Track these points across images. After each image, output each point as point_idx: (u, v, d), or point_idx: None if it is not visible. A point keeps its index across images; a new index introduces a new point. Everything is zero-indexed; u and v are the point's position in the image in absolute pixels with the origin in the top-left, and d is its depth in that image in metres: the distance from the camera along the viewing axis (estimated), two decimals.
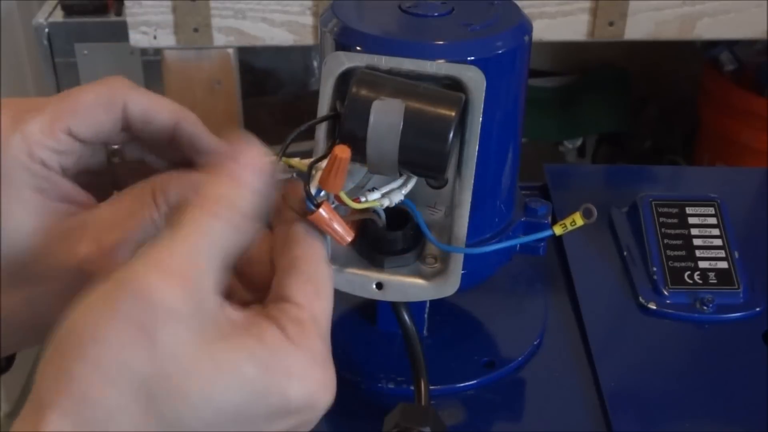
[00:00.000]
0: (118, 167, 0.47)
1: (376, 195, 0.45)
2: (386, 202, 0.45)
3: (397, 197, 0.46)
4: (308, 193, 0.42)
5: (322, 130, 0.46)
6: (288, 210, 0.43)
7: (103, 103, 0.43)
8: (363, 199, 0.44)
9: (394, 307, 0.51)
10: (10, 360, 0.51)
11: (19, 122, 0.42)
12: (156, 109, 0.44)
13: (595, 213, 0.48)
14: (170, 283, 0.35)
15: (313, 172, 0.43)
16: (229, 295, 0.39)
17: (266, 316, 0.39)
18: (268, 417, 0.37)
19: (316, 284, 0.40)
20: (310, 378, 0.38)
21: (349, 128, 0.44)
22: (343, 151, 0.41)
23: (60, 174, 0.43)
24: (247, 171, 0.39)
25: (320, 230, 0.42)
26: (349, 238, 0.42)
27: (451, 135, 0.43)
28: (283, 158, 0.44)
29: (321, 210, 0.41)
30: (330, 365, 0.39)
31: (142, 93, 0.44)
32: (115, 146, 0.47)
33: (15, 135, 0.41)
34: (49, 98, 0.43)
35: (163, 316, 0.34)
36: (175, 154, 0.46)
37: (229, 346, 0.36)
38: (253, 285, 0.43)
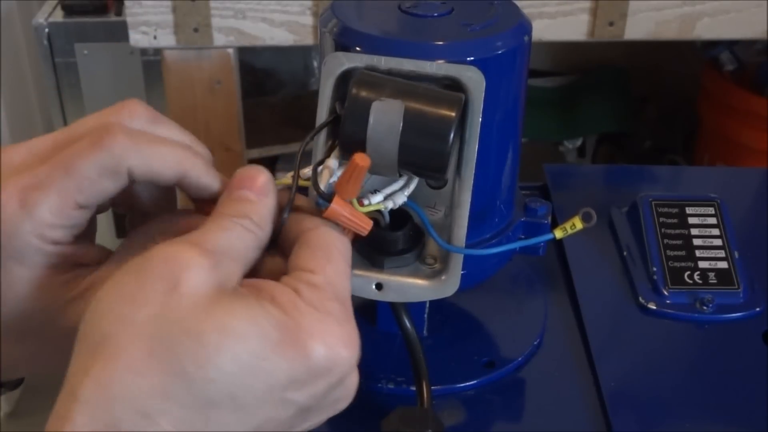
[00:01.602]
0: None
1: (379, 197, 0.45)
2: (390, 204, 0.45)
3: (401, 199, 0.46)
4: (318, 190, 0.42)
5: (321, 133, 0.46)
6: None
7: (108, 173, 0.42)
8: (366, 202, 0.44)
9: (394, 312, 0.51)
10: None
11: (27, 206, 0.41)
12: (160, 167, 0.43)
13: (595, 217, 0.49)
14: (196, 251, 0.38)
15: (319, 170, 0.43)
16: None
17: (282, 283, 0.40)
18: (291, 377, 0.37)
19: (325, 250, 0.41)
20: (328, 335, 0.38)
21: (349, 129, 0.44)
22: (362, 160, 0.41)
23: (72, 243, 0.43)
24: (254, 193, 0.42)
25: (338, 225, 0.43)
26: (368, 226, 0.43)
27: (452, 135, 0.43)
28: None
29: (334, 204, 0.42)
30: (348, 322, 0.40)
31: (143, 152, 0.42)
32: None
33: (25, 222, 0.41)
34: (50, 168, 0.42)
35: (189, 265, 0.37)
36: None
37: (246, 301, 0.38)
38: None
